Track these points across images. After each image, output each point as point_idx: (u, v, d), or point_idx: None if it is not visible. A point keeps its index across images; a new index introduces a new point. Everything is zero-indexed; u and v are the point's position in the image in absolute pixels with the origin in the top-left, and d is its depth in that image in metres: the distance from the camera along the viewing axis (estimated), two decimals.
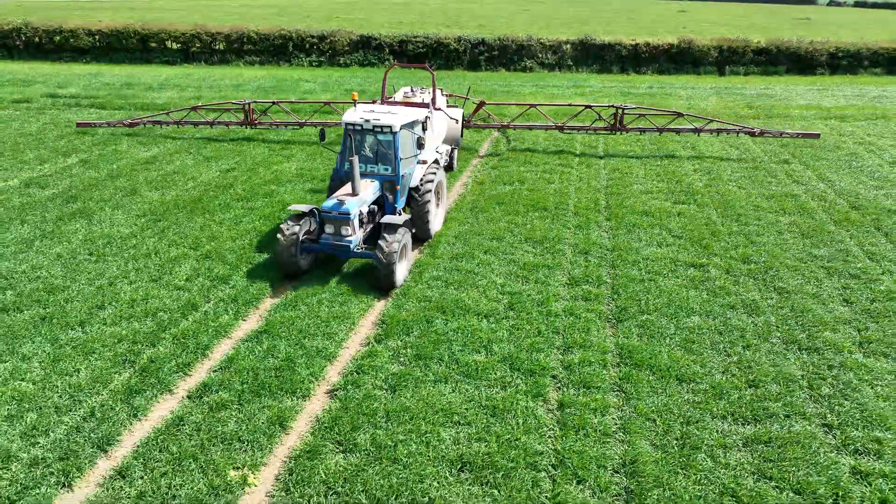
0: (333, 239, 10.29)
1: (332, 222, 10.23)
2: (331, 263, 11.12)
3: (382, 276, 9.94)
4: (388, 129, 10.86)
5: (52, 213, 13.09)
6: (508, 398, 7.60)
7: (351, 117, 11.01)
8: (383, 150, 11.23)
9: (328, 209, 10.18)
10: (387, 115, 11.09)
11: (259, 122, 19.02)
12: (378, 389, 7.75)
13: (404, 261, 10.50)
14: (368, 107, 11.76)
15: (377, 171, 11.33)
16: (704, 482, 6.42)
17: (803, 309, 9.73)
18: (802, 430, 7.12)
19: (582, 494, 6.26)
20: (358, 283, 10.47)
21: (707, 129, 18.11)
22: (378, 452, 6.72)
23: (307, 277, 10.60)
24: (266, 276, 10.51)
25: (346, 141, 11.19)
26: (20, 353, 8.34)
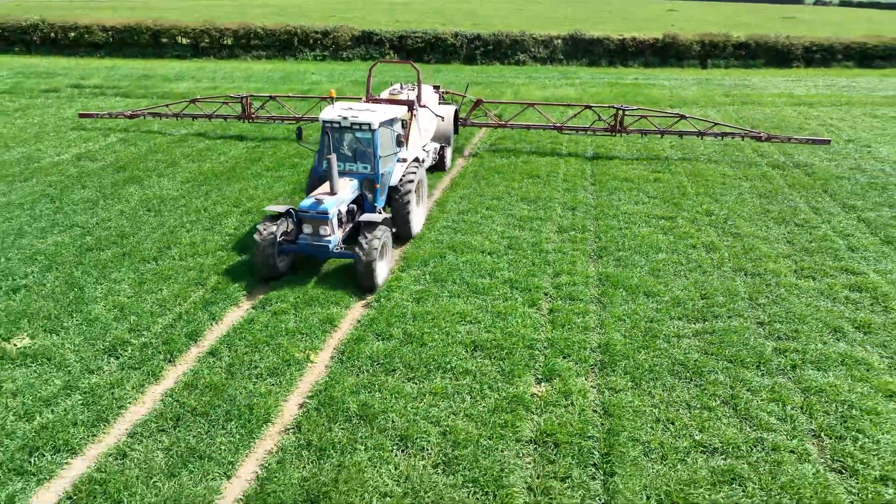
0: (312, 239, 10.09)
1: (310, 222, 10.02)
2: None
3: (363, 276, 9.79)
4: (366, 127, 10.68)
5: (106, 180, 14.94)
6: (509, 307, 9.54)
7: (328, 115, 10.81)
8: (362, 148, 11.04)
9: (306, 209, 9.95)
10: (365, 112, 10.91)
11: (256, 115, 19.02)
12: (405, 301, 9.69)
13: (385, 260, 10.41)
14: (346, 104, 11.61)
15: (356, 169, 11.14)
16: (660, 357, 8.38)
17: (752, 247, 11.73)
18: (739, 325, 9.10)
19: (567, 364, 8.21)
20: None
21: (710, 133, 17.15)
22: (409, 339, 8.65)
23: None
24: None
25: (324, 139, 11.00)
26: (111, 278, 10.23)
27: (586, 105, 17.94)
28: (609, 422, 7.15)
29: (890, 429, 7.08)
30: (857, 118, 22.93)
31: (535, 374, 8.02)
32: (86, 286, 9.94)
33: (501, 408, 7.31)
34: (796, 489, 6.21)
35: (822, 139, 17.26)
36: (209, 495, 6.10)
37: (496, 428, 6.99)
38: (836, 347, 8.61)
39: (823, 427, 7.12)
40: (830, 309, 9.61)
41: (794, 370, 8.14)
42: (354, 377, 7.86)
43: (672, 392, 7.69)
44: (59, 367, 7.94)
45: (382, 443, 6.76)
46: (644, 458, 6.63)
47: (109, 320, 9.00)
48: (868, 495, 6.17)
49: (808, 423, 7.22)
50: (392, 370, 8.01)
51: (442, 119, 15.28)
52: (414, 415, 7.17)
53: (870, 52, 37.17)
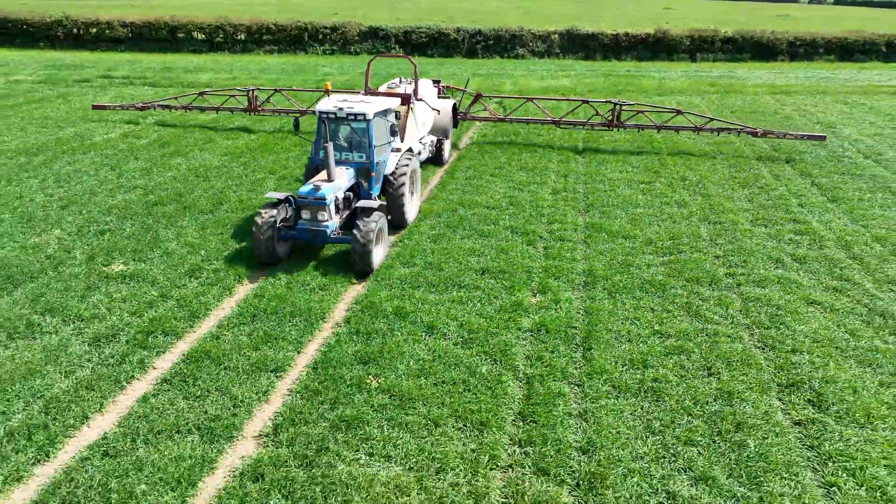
0: (310, 224, 10.48)
1: (309, 208, 10.44)
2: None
3: (359, 259, 10.18)
4: (361, 117, 11.07)
5: (154, 153, 16.96)
6: (511, 245, 11.57)
7: (325, 106, 11.20)
8: (357, 137, 11.46)
9: (304, 195, 10.38)
10: (360, 103, 11.34)
11: (262, 108, 19.56)
12: (424, 241, 11.70)
13: (380, 245, 10.77)
14: (342, 96, 12.11)
15: (352, 158, 11.56)
16: (632, 278, 10.41)
17: (717, 204, 13.77)
18: (699, 257, 11.14)
19: (557, 283, 10.24)
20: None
21: (707, 129, 17.58)
22: (429, 266, 10.68)
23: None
24: None
25: (321, 129, 11.36)
26: (178, 225, 12.26)
27: (584, 100, 18.31)
28: (589, 319, 9.19)
29: (806, 322, 9.12)
30: (828, 104, 24.99)
31: (532, 290, 10.06)
32: (158, 230, 11.97)
33: (505, 309, 9.35)
34: (727, 357, 8.25)
35: (817, 135, 17.40)
36: (286, 361, 8.12)
37: (501, 322, 9.03)
38: (775, 272, 10.66)
39: (755, 322, 9.17)
40: (775, 246, 11.66)
41: (739, 287, 10.19)
42: (388, 291, 9.89)
43: (640, 301, 9.73)
44: (153, 284, 9.97)
45: (414, 331, 8.79)
46: (615, 341, 8.67)
47: (184, 254, 11.02)
48: (780, 361, 8.21)
49: (744, 319, 9.26)
50: (418, 286, 10.04)
51: (438, 112, 15.71)
52: (437, 313, 9.20)
53: (850, 46, 39.24)
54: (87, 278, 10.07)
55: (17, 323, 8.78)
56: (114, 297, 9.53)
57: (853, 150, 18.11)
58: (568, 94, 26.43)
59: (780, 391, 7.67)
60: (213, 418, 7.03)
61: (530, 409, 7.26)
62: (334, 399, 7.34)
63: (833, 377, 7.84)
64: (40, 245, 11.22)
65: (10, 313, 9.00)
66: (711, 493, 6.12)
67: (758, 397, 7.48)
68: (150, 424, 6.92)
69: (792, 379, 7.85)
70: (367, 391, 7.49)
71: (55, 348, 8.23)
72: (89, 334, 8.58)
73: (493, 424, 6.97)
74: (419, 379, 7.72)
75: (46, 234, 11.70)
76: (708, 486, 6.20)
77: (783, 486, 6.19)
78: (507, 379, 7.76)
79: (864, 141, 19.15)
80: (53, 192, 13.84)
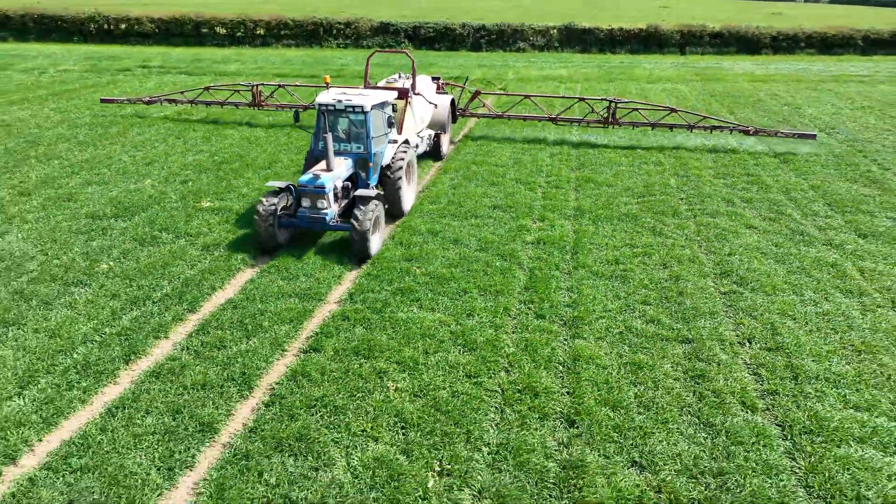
0: (310, 212, 10.89)
1: (309, 196, 10.85)
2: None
3: (357, 246, 10.58)
4: (359, 109, 11.41)
5: (209, 126, 19.75)
6: (516, 191, 14.37)
7: (324, 99, 11.56)
8: (355, 129, 11.84)
9: (304, 183, 10.80)
10: (358, 96, 11.73)
11: (266, 103, 20.09)
12: (445, 189, 14.49)
13: (378, 233, 11.11)
14: (341, 89, 12.59)
15: (350, 149, 11.95)
16: (612, 212, 13.20)
17: (687, 163, 16.57)
18: (667, 198, 13.93)
19: (553, 214, 13.03)
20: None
21: (700, 126, 17.95)
22: (451, 204, 13.46)
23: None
24: None
25: (320, 120, 11.68)
26: (245, 176, 15.05)
27: (580, 97, 18.78)
28: (576, 236, 12.00)
29: (742, 238, 11.91)
30: (799, 90, 27.78)
31: (533, 219, 12.86)
32: (231, 180, 14.78)
33: (513, 230, 12.15)
34: (679, 257, 11.05)
35: (808, 133, 17.59)
36: (325, 291, 10.83)
37: (510, 237, 11.83)
38: (726, 208, 13.47)
39: (704, 238, 11.97)
40: (730, 191, 14.47)
41: (695, 217, 13.00)
42: (421, 219, 12.68)
43: (616, 226, 12.53)
44: (236, 213, 12.76)
45: (444, 242, 11.58)
46: (595, 249, 11.47)
47: (255, 195, 13.83)
48: (717, 259, 11.02)
49: (696, 236, 12.07)
50: (443, 216, 12.84)
51: (435, 107, 16.25)
52: (460, 232, 12.01)
53: (829, 40, 42.02)
54: (185, 210, 12.89)
55: (144, 236, 11.60)
56: (209, 221, 12.34)
57: (810, 124, 20.91)
58: (565, 82, 29.28)
59: (714, 277, 10.48)
60: (305, 290, 9.84)
61: (532, 284, 10.08)
62: (390, 279, 10.15)
63: (755, 268, 10.66)
64: (140, 189, 14.04)
65: (136, 231, 11.82)
66: (656, 327, 8.92)
67: (697, 279, 10.29)
68: (262, 293, 9.72)
69: (724, 269, 10.67)
70: (413, 276, 10.30)
71: (178, 251, 11.04)
72: (199, 244, 11.38)
73: (506, 292, 9.78)
74: (450, 269, 10.53)
75: (141, 183, 14.52)
76: (654, 324, 9.01)
77: (706, 322, 9.00)
78: (515, 269, 10.58)
79: (822, 118, 21.94)
80: (135, 155, 16.65)
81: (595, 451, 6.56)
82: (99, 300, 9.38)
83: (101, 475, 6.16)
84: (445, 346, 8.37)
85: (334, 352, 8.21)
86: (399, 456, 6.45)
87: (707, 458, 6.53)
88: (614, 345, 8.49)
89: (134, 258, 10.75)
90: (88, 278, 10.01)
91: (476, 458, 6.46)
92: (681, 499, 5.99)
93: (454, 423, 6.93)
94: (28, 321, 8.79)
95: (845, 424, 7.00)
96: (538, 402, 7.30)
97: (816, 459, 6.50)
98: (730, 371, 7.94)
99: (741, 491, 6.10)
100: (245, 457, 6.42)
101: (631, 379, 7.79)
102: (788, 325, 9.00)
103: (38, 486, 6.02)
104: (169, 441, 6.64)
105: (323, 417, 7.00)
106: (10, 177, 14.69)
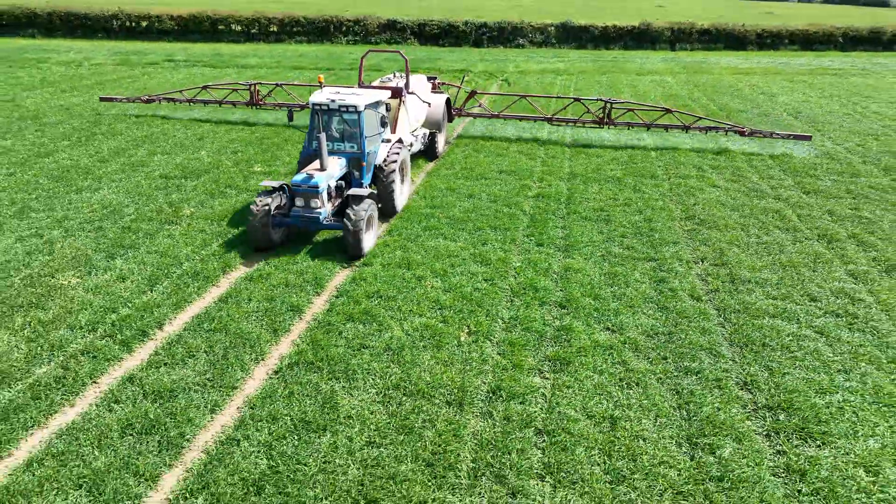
0: (304, 211, 10.90)
1: (302, 195, 10.86)
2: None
3: (350, 244, 10.65)
4: (353, 109, 11.41)
5: (245, 110, 22.22)
6: (519, 159, 16.84)
7: (318, 98, 11.58)
8: (349, 128, 11.84)
9: (298, 183, 10.77)
10: (351, 95, 11.73)
11: (264, 102, 20.28)
12: (459, 158, 16.95)
13: (371, 231, 11.21)
14: (334, 88, 12.50)
15: (344, 148, 11.96)
16: (599, 176, 15.69)
17: (667, 138, 19.07)
18: (646, 165, 16.43)
19: (551, 178, 15.52)
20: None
21: (696, 127, 18.19)
22: (464, 169, 15.90)
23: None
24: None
25: (314, 120, 11.83)
26: (286, 150, 17.52)
27: (576, 98, 18.89)
28: (569, 193, 14.48)
29: (708, 194, 14.39)
30: (776, 82, 30.31)
31: (533, 180, 15.35)
32: (275, 151, 17.25)
33: (517, 188, 14.64)
34: (652, 206, 13.54)
35: (803, 135, 17.80)
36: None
37: (514, 193, 14.31)
38: (696, 172, 15.96)
39: (675, 193, 14.46)
40: (700, 160, 16.99)
41: (669, 178, 15.50)
42: (439, 179, 15.16)
43: (603, 186, 15.01)
44: (283, 176, 15.23)
45: (460, 196, 14.03)
46: (585, 201, 13.95)
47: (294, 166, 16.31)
48: (683, 207, 13.51)
49: (668, 193, 14.55)
50: (458, 178, 15.31)
51: (430, 106, 16.32)
52: (473, 189, 14.46)
53: (811, 37, 44.57)
54: (241, 174, 15.36)
55: (213, 191, 14.07)
56: (261, 180, 14.82)
57: (780, 109, 23.43)
58: (562, 74, 31.79)
59: (680, 220, 12.97)
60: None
61: (533, 224, 12.58)
62: (419, 220, 12.62)
63: (713, 213, 13.17)
64: (198, 158, 16.52)
65: (205, 187, 14.28)
66: (630, 252, 11.40)
67: (666, 221, 12.79)
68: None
69: (688, 215, 13.17)
70: (436, 218, 12.78)
71: (244, 202, 13.51)
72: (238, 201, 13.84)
73: (512, 229, 12.27)
74: (467, 214, 13.01)
75: (197, 153, 16.98)
76: (629, 249, 11.50)
77: (670, 249, 11.48)
78: (520, 214, 13.07)
79: (792, 105, 24.47)
80: (186, 132, 19.11)
81: (580, 322, 9.05)
82: (190, 233, 11.84)
83: (226, 334, 8.63)
84: (466, 262, 10.85)
85: (382, 266, 10.68)
86: (439, 323, 8.93)
87: (661, 326, 9.02)
88: (597, 262, 10.98)
89: (209, 206, 13.22)
90: (177, 219, 12.49)
91: (494, 326, 8.94)
92: (638, 343, 8.49)
93: (477, 305, 9.42)
94: (140, 247, 11.25)
95: (763, 307, 9.49)
96: (538, 295, 9.78)
97: (739, 326, 9.00)
98: (684, 278, 10.43)
99: (682, 342, 8.59)
100: (328, 324, 8.90)
101: (609, 282, 10.28)
102: (734, 250, 11.50)
103: (185, 338, 8.49)
104: (269, 316, 9.11)
105: (380, 303, 9.48)
106: (86, 149, 17.15)
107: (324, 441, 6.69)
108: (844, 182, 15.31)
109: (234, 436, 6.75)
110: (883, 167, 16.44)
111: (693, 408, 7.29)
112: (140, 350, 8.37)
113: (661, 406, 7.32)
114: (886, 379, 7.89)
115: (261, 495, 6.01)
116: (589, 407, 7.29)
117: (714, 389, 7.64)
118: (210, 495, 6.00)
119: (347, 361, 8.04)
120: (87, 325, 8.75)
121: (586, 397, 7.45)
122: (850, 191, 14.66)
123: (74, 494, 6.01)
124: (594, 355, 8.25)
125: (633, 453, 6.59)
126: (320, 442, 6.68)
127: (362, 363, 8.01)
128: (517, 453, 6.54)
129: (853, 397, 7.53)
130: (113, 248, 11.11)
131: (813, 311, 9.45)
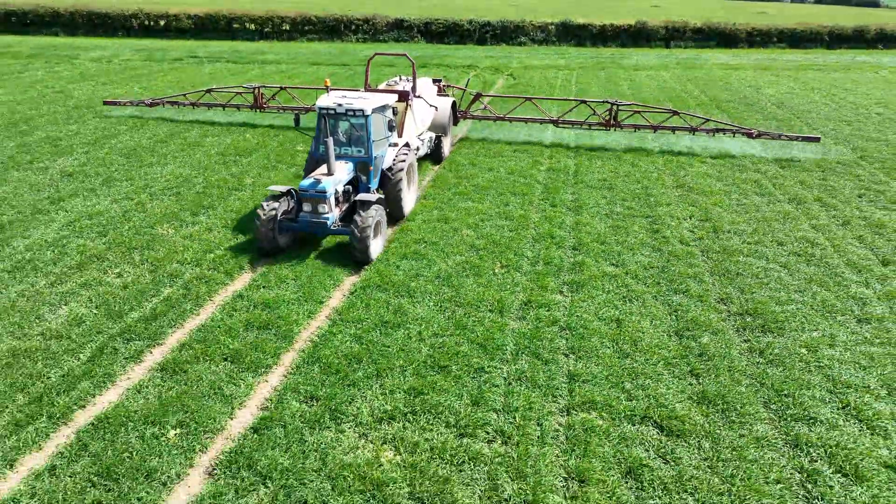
0: (311, 217, 10.86)
1: (310, 201, 10.80)
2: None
3: (357, 251, 10.53)
4: (360, 113, 11.27)
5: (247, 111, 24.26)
6: (531, 139, 18.96)
7: (324, 102, 11.41)
8: (356, 133, 11.75)
9: (305, 188, 10.72)
10: (358, 99, 11.60)
11: (267, 105, 20.13)
12: (475, 147, 19.07)
13: (379, 237, 11.10)
14: (341, 92, 12.41)
15: (351, 153, 11.82)
16: (602, 153, 17.82)
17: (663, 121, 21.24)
18: (645, 145, 18.56)
19: (559, 156, 17.63)
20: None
21: (703, 129, 18.08)
22: (481, 151, 18.04)
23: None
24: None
25: (321, 124, 11.57)
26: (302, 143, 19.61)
27: (581, 100, 18.83)
28: (577, 167, 16.61)
29: (697, 168, 16.55)
30: (763, 76, 32.52)
31: (545, 158, 17.46)
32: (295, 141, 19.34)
33: (530, 163, 16.75)
34: (650, 178, 15.68)
35: (812, 137, 17.63)
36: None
37: (528, 167, 16.43)
38: (688, 150, 18.10)
39: (669, 168, 16.60)
40: (693, 140, 19.13)
41: (664, 155, 17.64)
42: (462, 157, 17.27)
43: (606, 161, 17.14)
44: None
45: (482, 169, 16.14)
46: (590, 174, 16.07)
47: None
48: (676, 178, 15.65)
49: (663, 167, 16.69)
50: (478, 156, 17.43)
51: (436, 109, 16.16)
52: (491, 165, 16.57)
53: (799, 35, 46.84)
54: (288, 151, 17.41)
55: (267, 165, 16.15)
56: None
57: (765, 99, 25.62)
58: (562, 69, 33.94)
59: (672, 187, 15.10)
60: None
61: (546, 191, 14.70)
62: (449, 186, 14.73)
63: (701, 182, 15.32)
64: (246, 139, 18.58)
65: (259, 162, 16.37)
66: (630, 211, 13.53)
67: (660, 188, 14.93)
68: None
69: (679, 183, 15.32)
70: (463, 186, 14.87)
71: (294, 173, 15.57)
72: (290, 174, 15.92)
73: (529, 194, 14.38)
74: (490, 183, 15.13)
75: (243, 135, 19.04)
76: (629, 209, 13.63)
77: (664, 208, 13.62)
78: (534, 183, 15.19)
79: (776, 96, 26.65)
80: (228, 120, 21.16)
81: (590, 258, 11.18)
82: (256, 198, 13.93)
83: (307, 266, 10.72)
84: (493, 218, 12.97)
85: (422, 221, 12.78)
86: (476, 260, 11.05)
87: (656, 262, 11.15)
88: (602, 219, 13.11)
89: (266, 177, 15.30)
90: (241, 187, 14.57)
91: (521, 262, 11.06)
92: (637, 274, 10.63)
93: (506, 247, 11.55)
94: (217, 207, 13.34)
95: (739, 249, 11.64)
96: (555, 241, 11.91)
97: (719, 262, 11.15)
98: (675, 229, 12.57)
99: (673, 273, 10.72)
100: (386, 261, 11.00)
101: (613, 233, 12.41)
102: (718, 210, 13.65)
103: (274, 270, 10.59)
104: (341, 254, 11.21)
105: (426, 247, 11.58)
106: (143, 131, 19.22)
107: (399, 333, 8.80)
108: (816, 158, 17.48)
109: (331, 330, 8.85)
110: (851, 147, 18.63)
111: (681, 313, 9.43)
112: (239, 279, 10.46)
113: (656, 313, 9.46)
114: (832, 296, 10.04)
115: (360, 364, 8.12)
116: (600, 313, 9.42)
117: (697, 303, 9.78)
118: (323, 365, 8.10)
119: (407, 285, 10.16)
120: (192, 261, 10.84)
121: (598, 307, 9.58)
122: (819, 165, 16.84)
123: (222, 364, 8.11)
124: (603, 281, 10.39)
125: (635, 340, 8.73)
126: (397, 334, 8.79)
127: (419, 286, 10.13)
128: (547, 341, 8.66)
129: (804, 308, 9.68)
130: (195, 208, 13.19)
131: (779, 252, 11.60)
